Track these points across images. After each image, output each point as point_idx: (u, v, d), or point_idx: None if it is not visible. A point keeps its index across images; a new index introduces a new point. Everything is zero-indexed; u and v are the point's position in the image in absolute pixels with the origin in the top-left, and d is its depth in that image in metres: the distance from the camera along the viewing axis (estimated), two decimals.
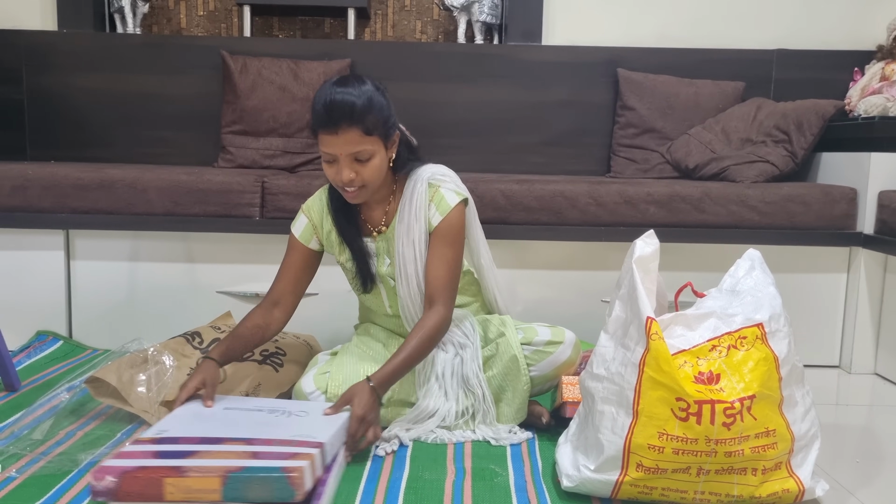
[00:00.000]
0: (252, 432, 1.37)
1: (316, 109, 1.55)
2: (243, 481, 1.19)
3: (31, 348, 2.22)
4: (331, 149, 1.56)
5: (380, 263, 1.76)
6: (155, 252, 2.30)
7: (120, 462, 1.23)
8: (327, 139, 1.55)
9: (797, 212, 2.29)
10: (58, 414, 1.68)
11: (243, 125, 2.73)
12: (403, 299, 1.72)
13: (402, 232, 1.70)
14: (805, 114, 2.54)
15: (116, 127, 2.85)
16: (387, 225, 1.75)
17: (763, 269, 1.50)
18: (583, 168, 2.88)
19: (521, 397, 1.68)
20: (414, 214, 1.69)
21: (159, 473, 1.20)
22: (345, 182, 1.58)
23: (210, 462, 1.23)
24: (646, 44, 2.94)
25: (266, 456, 1.25)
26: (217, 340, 1.94)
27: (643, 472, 1.32)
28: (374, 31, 3.21)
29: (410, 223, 1.69)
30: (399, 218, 1.71)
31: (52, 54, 2.82)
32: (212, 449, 1.29)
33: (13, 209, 2.25)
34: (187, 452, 1.27)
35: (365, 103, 1.53)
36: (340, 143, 1.54)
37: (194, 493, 1.19)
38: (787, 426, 1.35)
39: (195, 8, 3.17)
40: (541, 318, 2.04)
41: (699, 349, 1.37)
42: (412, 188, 1.71)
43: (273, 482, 1.19)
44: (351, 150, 1.55)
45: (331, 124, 1.53)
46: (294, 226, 1.78)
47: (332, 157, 1.57)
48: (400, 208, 1.71)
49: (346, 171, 1.57)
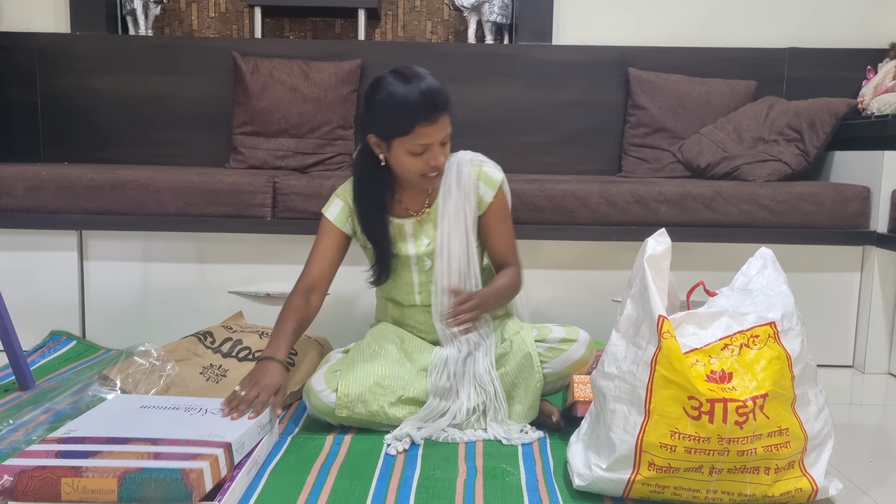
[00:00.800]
0: (160, 432, 1.38)
1: (412, 105, 1.60)
2: (139, 482, 1.20)
3: (45, 348, 2.23)
4: (431, 138, 1.63)
5: (417, 245, 1.79)
6: (167, 252, 2.31)
7: (20, 461, 1.24)
8: (427, 130, 1.62)
9: (810, 211, 2.27)
10: (71, 415, 1.69)
11: (255, 126, 2.74)
12: (439, 276, 1.76)
13: (449, 210, 1.76)
14: (817, 112, 2.53)
15: (129, 128, 2.87)
16: (429, 206, 1.81)
17: (776, 267, 1.49)
18: (594, 168, 2.88)
19: (534, 395, 1.68)
20: (464, 193, 1.76)
21: (57, 473, 1.21)
22: (439, 165, 1.67)
23: (110, 463, 1.24)
24: (657, 43, 2.93)
25: (167, 457, 1.26)
26: (229, 340, 1.95)
27: (655, 470, 1.32)
28: (385, 31, 3.21)
29: (459, 202, 1.76)
30: (444, 197, 1.77)
31: (65, 56, 2.84)
32: (115, 449, 1.29)
33: (27, 210, 2.27)
34: (90, 452, 1.28)
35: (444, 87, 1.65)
36: (438, 129, 1.63)
37: (91, 494, 1.20)
38: (801, 425, 1.34)
39: (206, 10, 3.19)
40: (552, 317, 2.04)
41: (711, 348, 1.36)
42: (455, 169, 1.78)
43: (169, 483, 1.20)
44: (444, 133, 1.66)
45: (433, 114, 1.61)
46: (328, 210, 1.82)
47: (424, 147, 1.64)
48: (444, 188, 1.77)
49: (441, 156, 1.67)
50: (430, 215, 1.79)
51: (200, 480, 1.22)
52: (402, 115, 1.61)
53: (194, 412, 1.52)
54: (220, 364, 1.86)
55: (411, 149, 1.64)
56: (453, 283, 1.76)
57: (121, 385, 1.75)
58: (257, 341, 1.97)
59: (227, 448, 1.33)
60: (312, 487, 1.41)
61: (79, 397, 1.75)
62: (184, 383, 1.78)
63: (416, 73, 1.64)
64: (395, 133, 1.64)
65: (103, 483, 1.20)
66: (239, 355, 1.90)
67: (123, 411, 1.53)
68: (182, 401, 1.61)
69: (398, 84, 1.62)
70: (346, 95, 2.77)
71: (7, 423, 1.65)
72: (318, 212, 2.24)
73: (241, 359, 1.89)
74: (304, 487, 1.41)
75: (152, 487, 1.20)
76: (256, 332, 2.02)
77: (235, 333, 2.00)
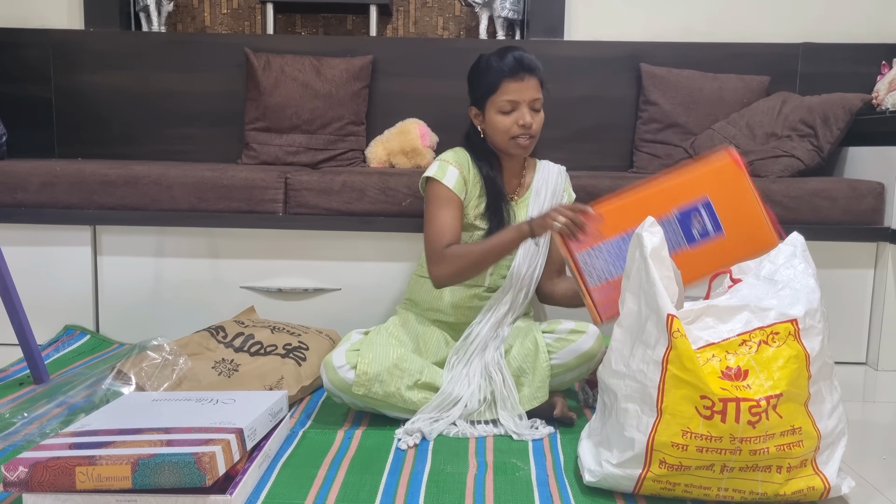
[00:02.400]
0: (172, 422, 1.40)
1: (501, 62, 1.78)
2: (153, 468, 1.21)
3: (59, 342, 2.25)
4: (517, 95, 1.77)
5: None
6: (180, 247, 2.32)
7: (34, 454, 1.26)
8: (513, 86, 1.76)
9: (823, 207, 2.26)
10: (84, 408, 1.70)
11: (266, 122, 2.74)
12: (519, 266, 1.85)
13: (540, 203, 1.89)
14: (831, 108, 2.51)
15: (142, 124, 2.88)
16: (519, 195, 1.92)
17: (805, 257, 1.46)
18: (605, 163, 2.87)
19: (542, 375, 1.69)
20: (555, 190, 1.92)
21: (71, 463, 1.23)
22: (526, 124, 1.77)
23: (123, 451, 1.25)
24: (669, 38, 2.91)
25: (180, 443, 1.28)
26: (241, 335, 1.97)
27: (666, 468, 1.31)
28: (396, 27, 3.21)
29: (551, 197, 1.91)
30: (535, 191, 1.91)
31: (79, 53, 2.86)
32: (128, 439, 1.31)
33: (41, 205, 2.28)
34: (103, 443, 1.30)
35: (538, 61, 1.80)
36: (525, 88, 1.77)
37: (105, 481, 1.22)
38: (814, 424, 1.33)
39: (219, 6, 3.20)
40: (561, 313, 2.04)
41: (729, 343, 1.35)
42: (548, 171, 1.95)
43: (182, 467, 1.21)
44: (533, 96, 1.78)
45: (520, 72, 1.76)
46: (445, 178, 1.83)
47: (514, 104, 1.77)
48: (536, 182, 1.92)
49: (528, 115, 1.77)
50: (519, 203, 1.89)
51: (213, 464, 1.23)
52: (490, 74, 1.78)
53: (206, 402, 1.54)
54: (231, 359, 1.87)
55: (501, 106, 1.78)
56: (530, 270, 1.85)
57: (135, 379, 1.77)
58: (269, 336, 1.98)
59: (239, 433, 1.35)
60: (323, 481, 1.42)
61: (92, 391, 1.77)
62: (196, 377, 1.80)
63: (510, 47, 1.81)
64: (486, 93, 1.80)
65: (117, 470, 1.22)
66: (251, 350, 1.91)
67: (135, 405, 1.54)
68: (194, 393, 1.64)
69: (491, 55, 1.81)
70: (357, 91, 2.77)
71: (22, 416, 1.67)
72: (330, 207, 2.27)
73: (253, 353, 1.90)
74: (315, 481, 1.42)
75: (166, 472, 1.21)
76: (268, 327, 2.03)
77: (247, 328, 2.01)
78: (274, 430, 1.54)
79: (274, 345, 1.94)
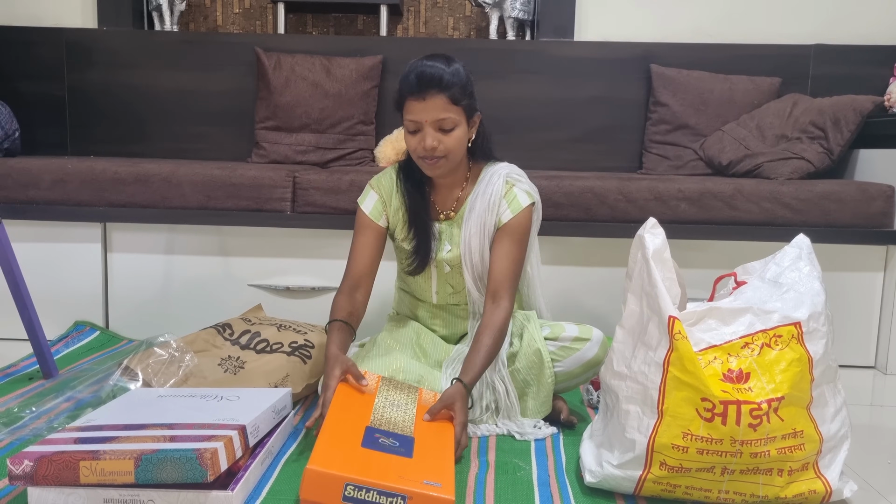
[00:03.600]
0: (176, 418, 1.41)
1: (405, 79, 1.61)
2: (156, 463, 1.23)
3: (68, 338, 2.27)
4: (418, 115, 1.60)
5: (440, 248, 1.77)
6: (189, 245, 2.34)
7: (40, 448, 1.28)
8: (415, 106, 1.60)
9: (832, 209, 2.25)
10: (92, 403, 1.72)
11: (276, 121, 2.76)
12: (469, 286, 1.75)
13: (473, 221, 1.72)
14: (842, 110, 2.49)
15: (153, 122, 2.91)
16: (455, 211, 1.77)
17: (810, 259, 1.45)
18: (614, 164, 2.86)
19: (546, 391, 1.68)
20: (487, 206, 1.71)
21: (75, 457, 1.24)
22: (428, 149, 1.61)
23: (127, 447, 1.27)
24: (680, 39, 2.90)
25: (183, 439, 1.29)
26: (247, 332, 1.98)
27: (667, 470, 1.31)
28: (407, 27, 3.22)
29: (482, 214, 1.71)
30: (470, 206, 1.74)
31: (92, 51, 2.89)
32: (132, 434, 1.33)
33: (53, 202, 2.31)
34: (107, 438, 1.31)
35: (452, 74, 1.60)
36: (427, 108, 1.59)
37: (108, 476, 1.23)
38: (816, 427, 1.33)
39: (231, 5, 3.22)
40: (568, 315, 2.04)
41: (731, 346, 1.34)
42: (488, 180, 1.74)
43: (184, 463, 1.22)
44: (437, 116, 1.60)
45: (420, 91, 1.58)
46: (363, 203, 1.79)
47: (417, 124, 1.61)
48: (472, 197, 1.74)
49: (430, 138, 1.61)
50: (455, 221, 1.78)
51: (215, 460, 1.24)
52: (398, 91, 1.64)
53: (210, 399, 1.56)
54: (238, 356, 1.88)
55: (407, 125, 1.64)
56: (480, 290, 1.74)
57: (141, 375, 1.78)
58: (275, 334, 1.99)
59: (242, 430, 1.36)
60: None
61: (100, 386, 1.79)
62: (202, 374, 1.81)
63: (434, 57, 1.64)
64: (398, 108, 1.65)
65: (120, 465, 1.23)
66: (257, 347, 1.92)
67: (141, 401, 1.56)
68: (198, 390, 1.65)
69: (414, 62, 1.64)
70: (367, 91, 2.78)
71: (30, 411, 1.69)
72: (337, 206, 2.28)
73: (259, 351, 1.91)
74: None
75: (168, 468, 1.23)
76: (274, 325, 2.04)
77: (254, 326, 2.03)
78: (277, 427, 1.55)
79: (280, 342, 1.95)
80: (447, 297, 1.81)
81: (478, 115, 1.71)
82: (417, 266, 1.77)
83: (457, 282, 1.79)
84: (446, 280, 1.79)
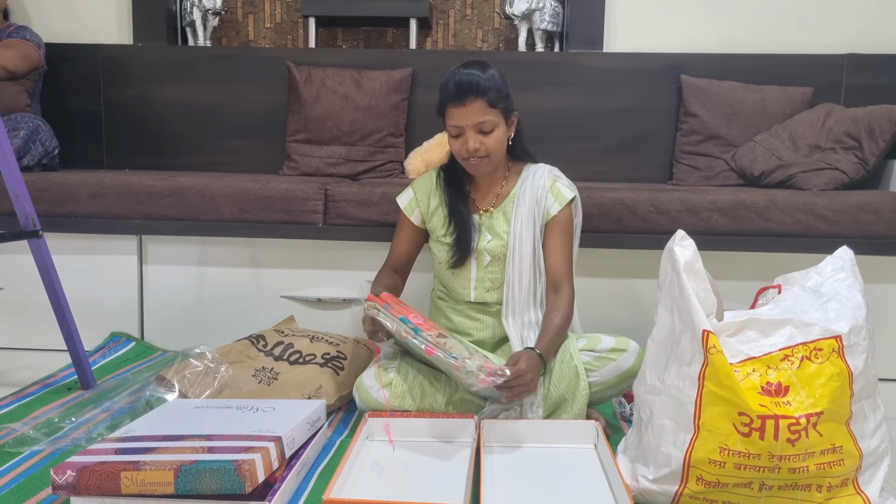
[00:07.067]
0: (214, 429, 1.44)
1: (445, 87, 1.73)
2: (195, 474, 1.25)
3: (105, 349, 2.31)
4: (459, 121, 1.72)
5: (480, 238, 1.85)
6: (222, 257, 2.37)
7: (82, 458, 1.30)
8: (455, 112, 1.72)
9: (867, 220, 2.22)
10: (129, 413, 1.75)
11: (307, 134, 2.79)
12: (511, 278, 1.81)
13: (524, 213, 1.82)
14: (877, 119, 2.46)
15: (187, 136, 2.95)
16: (495, 206, 1.87)
17: (853, 272, 1.44)
18: (644, 176, 2.85)
19: (580, 404, 1.68)
20: (535, 199, 1.83)
21: (116, 468, 1.27)
22: (470, 151, 1.74)
23: (166, 458, 1.29)
24: (710, 50, 2.89)
25: (221, 451, 1.31)
26: (280, 344, 2.00)
27: (703, 485, 1.30)
28: (436, 40, 3.24)
29: (531, 206, 1.82)
30: (518, 201, 1.83)
31: (127, 67, 2.94)
32: (171, 445, 1.36)
33: (90, 215, 2.35)
34: (147, 449, 1.34)
35: (488, 79, 1.71)
36: (467, 113, 1.71)
37: (149, 486, 1.26)
38: (855, 443, 1.31)
39: (262, 20, 3.26)
40: (600, 327, 2.03)
41: (770, 358, 1.32)
42: (533, 175, 1.86)
43: (223, 474, 1.25)
44: (476, 119, 1.71)
45: (459, 97, 1.70)
46: (400, 198, 1.96)
47: (459, 129, 1.74)
48: (519, 192, 1.85)
49: (472, 141, 1.73)
50: (495, 215, 1.85)
51: (253, 471, 1.26)
52: (440, 99, 1.77)
53: (246, 410, 1.58)
54: (271, 367, 1.90)
55: (449, 130, 1.76)
56: (524, 283, 1.80)
57: (178, 386, 1.81)
58: (308, 345, 2.00)
59: (278, 442, 1.38)
60: None
61: (137, 397, 1.82)
62: (237, 385, 1.83)
63: (471, 64, 1.74)
64: (440, 114, 1.78)
65: (160, 476, 1.25)
66: (290, 359, 1.94)
67: (178, 412, 1.58)
68: (234, 401, 1.68)
69: (452, 70, 1.75)
70: (397, 103, 2.80)
71: (70, 421, 1.72)
72: (368, 218, 2.30)
73: (293, 362, 1.93)
74: None
75: (207, 479, 1.25)
76: (307, 336, 2.06)
77: (287, 337, 2.05)
78: (312, 438, 1.56)
79: (313, 354, 1.96)
80: (484, 293, 1.85)
81: (515, 114, 1.82)
82: (459, 258, 1.84)
83: (495, 276, 1.84)
84: (485, 274, 1.84)
